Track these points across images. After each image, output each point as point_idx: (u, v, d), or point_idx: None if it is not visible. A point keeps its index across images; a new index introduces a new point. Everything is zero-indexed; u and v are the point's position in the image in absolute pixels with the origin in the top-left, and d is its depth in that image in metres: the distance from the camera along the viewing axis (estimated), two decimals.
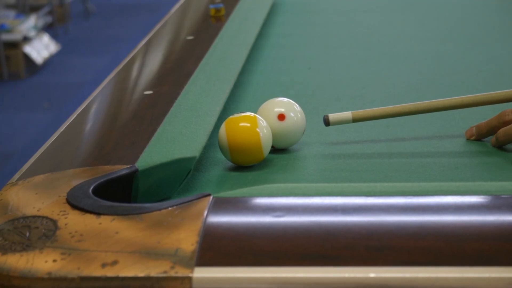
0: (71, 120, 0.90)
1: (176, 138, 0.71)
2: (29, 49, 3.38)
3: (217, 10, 1.15)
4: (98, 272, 0.47)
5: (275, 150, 0.75)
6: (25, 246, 0.50)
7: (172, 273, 0.46)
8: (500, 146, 0.76)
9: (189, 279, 0.45)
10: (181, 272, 0.46)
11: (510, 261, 0.48)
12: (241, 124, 0.70)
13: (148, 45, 1.17)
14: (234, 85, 0.92)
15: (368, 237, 0.51)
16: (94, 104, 0.94)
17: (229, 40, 1.09)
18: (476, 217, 0.56)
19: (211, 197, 0.56)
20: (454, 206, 0.57)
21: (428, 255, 0.48)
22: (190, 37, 1.13)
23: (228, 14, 1.21)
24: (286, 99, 0.77)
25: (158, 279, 0.46)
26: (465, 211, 0.56)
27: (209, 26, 1.18)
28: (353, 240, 0.50)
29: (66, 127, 0.87)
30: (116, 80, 1.04)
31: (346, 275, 0.46)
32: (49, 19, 3.94)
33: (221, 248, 0.50)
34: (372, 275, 0.46)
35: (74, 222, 0.53)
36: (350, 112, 0.76)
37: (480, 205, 0.58)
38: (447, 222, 0.54)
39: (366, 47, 1.25)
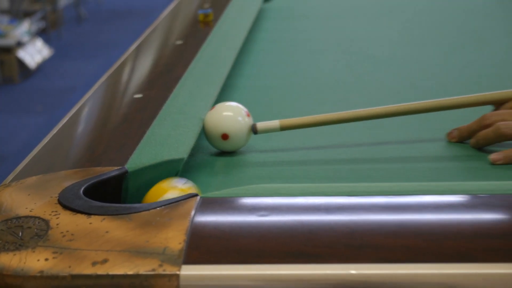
0: (63, 123, 0.89)
1: (164, 140, 0.71)
2: (22, 54, 3.41)
3: (206, 16, 1.15)
4: (88, 270, 0.47)
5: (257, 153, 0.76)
6: (18, 245, 0.50)
7: (160, 271, 0.46)
8: (479, 148, 0.77)
9: (177, 276, 0.46)
10: (168, 270, 0.46)
11: (485, 258, 0.48)
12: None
13: (138, 49, 1.16)
14: (221, 89, 0.92)
15: (349, 235, 0.51)
16: (85, 108, 0.94)
17: (217, 45, 1.08)
18: (454, 216, 0.56)
19: (198, 197, 0.56)
20: (433, 205, 0.57)
21: (407, 252, 0.49)
22: (179, 42, 1.13)
23: (216, 19, 1.20)
24: (231, 108, 0.76)
25: (146, 276, 0.46)
26: (444, 210, 0.56)
27: (197, 31, 1.18)
28: (335, 238, 0.51)
29: (58, 130, 0.87)
30: (107, 84, 1.04)
31: (328, 272, 0.46)
32: (42, 24, 3.94)
33: (207, 246, 0.50)
34: (353, 272, 0.46)
35: (66, 222, 0.53)
36: (278, 120, 0.76)
37: (458, 204, 0.58)
38: (426, 221, 0.55)
39: (350, 52, 1.25)
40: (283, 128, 0.77)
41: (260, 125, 0.76)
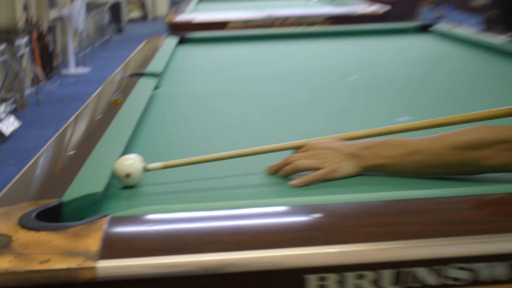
0: (24, 170, 0.98)
1: (88, 180, 0.83)
2: (0, 126, 4.20)
3: (116, 99, 1.30)
4: (37, 267, 0.58)
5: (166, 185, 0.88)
6: None
7: (84, 265, 0.58)
8: (285, 177, 0.86)
9: (95, 268, 0.58)
10: (89, 264, 0.58)
11: (286, 245, 0.61)
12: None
13: (75, 120, 1.28)
14: (127, 145, 1.03)
15: (204, 235, 0.65)
16: (40, 160, 1.04)
17: (122, 118, 1.18)
18: (268, 220, 0.70)
19: (109, 216, 0.68)
20: (258, 214, 0.71)
21: (238, 244, 0.62)
22: (99, 116, 1.27)
23: (124, 101, 1.32)
24: (131, 158, 0.88)
25: (75, 269, 0.58)
26: (263, 217, 0.70)
27: (111, 109, 1.28)
28: (195, 238, 0.64)
29: (21, 175, 0.96)
30: (54, 144, 1.14)
31: (190, 259, 0.60)
32: (13, 106, 4.77)
33: (115, 248, 0.62)
34: (206, 258, 0.60)
35: (23, 236, 0.64)
36: (161, 162, 0.88)
37: (272, 212, 0.71)
38: (251, 224, 0.69)
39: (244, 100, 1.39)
40: (165, 167, 0.88)
41: (149, 165, 0.87)
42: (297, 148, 0.90)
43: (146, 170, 0.87)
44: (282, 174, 0.87)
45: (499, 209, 0.71)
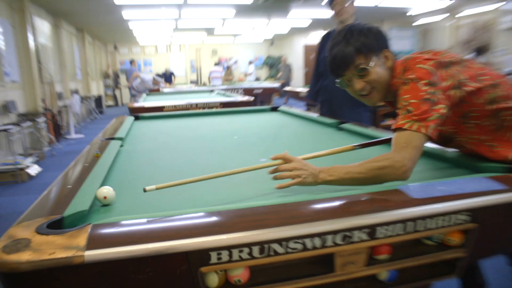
0: (40, 197, 1.13)
1: (79, 202, 1.01)
2: (29, 170, 4.93)
3: (97, 154, 1.67)
4: (47, 257, 0.73)
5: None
6: (19, 248, 0.75)
7: (77, 254, 0.73)
8: (275, 179, 1.08)
9: (83, 256, 0.73)
10: (80, 253, 0.74)
11: (198, 235, 0.77)
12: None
13: (73, 166, 1.54)
14: (103, 180, 1.24)
15: (148, 232, 0.81)
16: (51, 191, 1.20)
17: (101, 164, 1.50)
18: (188, 221, 0.85)
19: (91, 224, 0.84)
20: (183, 217, 0.87)
21: (169, 237, 0.77)
22: (87, 164, 1.53)
23: (102, 154, 1.69)
24: (106, 188, 1.07)
25: (71, 257, 0.73)
26: (186, 219, 0.86)
27: (94, 159, 1.62)
28: (142, 234, 0.80)
29: (38, 201, 1.09)
30: (59, 181, 1.32)
31: (140, 247, 0.76)
32: (37, 158, 5.94)
33: (95, 242, 0.77)
34: (149, 246, 0.76)
35: (38, 239, 0.79)
36: (155, 185, 1.03)
37: (191, 216, 0.87)
38: (178, 224, 0.84)
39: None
40: (157, 188, 1.03)
41: (146, 188, 1.02)
42: (281, 163, 1.17)
43: (145, 191, 1.01)
44: (274, 178, 1.12)
45: (315, 209, 0.94)
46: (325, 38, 3.19)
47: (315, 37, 14.39)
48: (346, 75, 1.27)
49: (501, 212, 1.01)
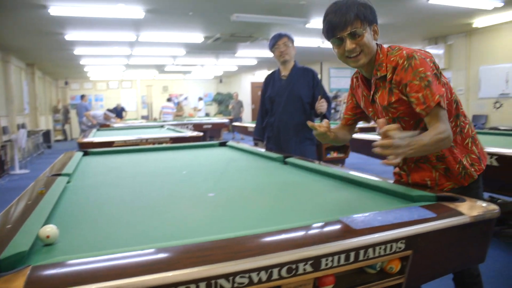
0: None
1: (20, 242, 0.96)
2: None
3: (42, 191, 1.57)
4: None
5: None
6: None
7: None
8: (383, 154, 1.22)
9: None
10: None
11: (140, 274, 0.77)
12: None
13: (16, 204, 1.50)
14: (47, 219, 1.21)
15: (92, 272, 0.79)
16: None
17: (45, 202, 1.45)
18: (131, 260, 0.84)
19: (31, 266, 0.82)
20: (128, 256, 0.85)
21: (116, 276, 0.76)
22: (29, 202, 1.48)
23: (47, 191, 1.64)
24: (50, 226, 1.05)
25: None
26: (130, 257, 0.84)
27: (38, 196, 1.56)
28: (87, 275, 0.78)
29: None
30: (4, 214, 1.32)
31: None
32: None
33: (35, 285, 0.76)
34: (94, 287, 0.74)
35: None
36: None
37: (136, 254, 0.86)
38: (125, 262, 0.82)
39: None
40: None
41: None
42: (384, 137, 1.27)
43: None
44: (383, 152, 1.26)
45: (260, 243, 0.94)
46: (268, 79, 3.34)
47: (262, 75, 14.78)
48: (341, 35, 1.45)
49: (432, 238, 1.08)
